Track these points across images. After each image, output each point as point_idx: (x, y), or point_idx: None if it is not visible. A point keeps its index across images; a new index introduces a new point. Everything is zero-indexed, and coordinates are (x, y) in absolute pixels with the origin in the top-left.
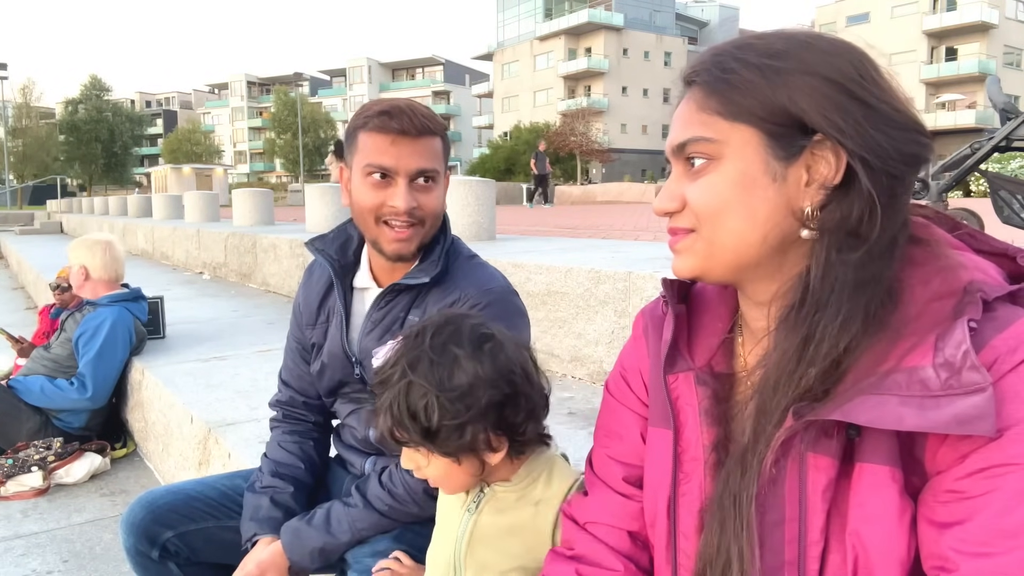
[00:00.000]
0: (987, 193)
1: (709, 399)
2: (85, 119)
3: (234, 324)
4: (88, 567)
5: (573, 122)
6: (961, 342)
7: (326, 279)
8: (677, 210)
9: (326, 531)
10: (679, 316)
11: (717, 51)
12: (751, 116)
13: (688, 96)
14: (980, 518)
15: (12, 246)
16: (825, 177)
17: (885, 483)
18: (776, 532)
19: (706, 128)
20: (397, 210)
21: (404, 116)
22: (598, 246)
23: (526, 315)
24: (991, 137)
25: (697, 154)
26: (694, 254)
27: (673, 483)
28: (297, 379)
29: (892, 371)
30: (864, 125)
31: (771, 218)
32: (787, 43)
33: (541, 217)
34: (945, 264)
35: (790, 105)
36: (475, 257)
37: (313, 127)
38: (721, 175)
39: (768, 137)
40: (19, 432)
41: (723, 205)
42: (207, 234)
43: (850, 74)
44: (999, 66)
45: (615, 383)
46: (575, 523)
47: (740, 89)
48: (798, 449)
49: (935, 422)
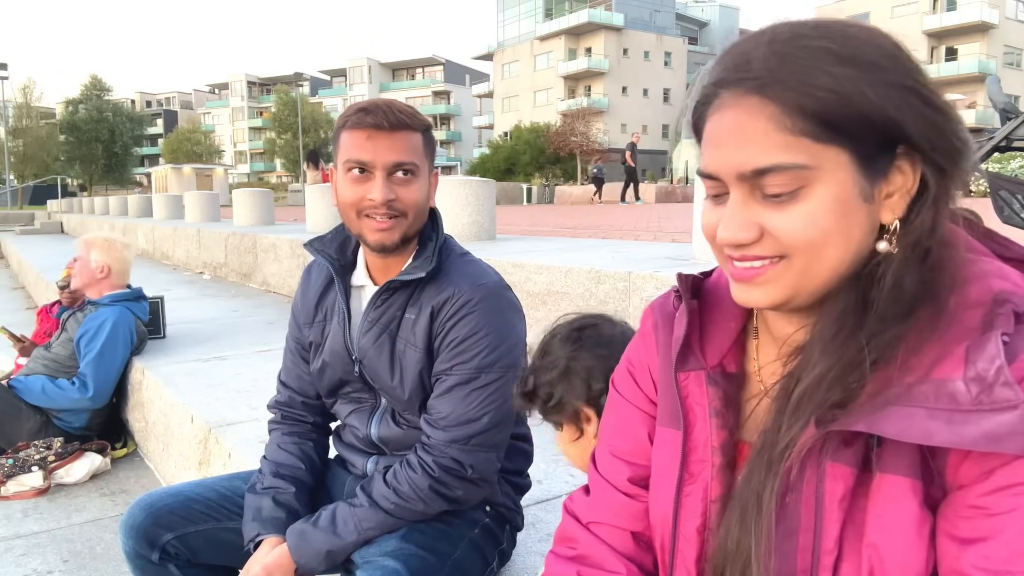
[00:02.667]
0: (987, 193)
1: (720, 400)
2: (85, 119)
3: (234, 324)
4: (88, 567)
5: (573, 122)
6: (995, 357)
7: (324, 279)
8: (754, 240)
9: (332, 532)
10: (692, 313)
11: (780, 54)
12: (845, 136)
13: (746, 107)
14: (1004, 536)
15: (12, 246)
16: (904, 188)
17: (905, 495)
18: (790, 540)
19: (796, 153)
20: (375, 203)
21: (380, 111)
22: (598, 246)
23: (520, 310)
24: (991, 137)
25: (782, 184)
26: (783, 286)
27: (678, 484)
28: (296, 380)
29: (920, 382)
30: (944, 133)
31: (862, 239)
32: (854, 46)
33: (541, 217)
34: (971, 271)
35: (888, 122)
36: (467, 254)
37: (313, 127)
38: (816, 203)
39: (860, 157)
40: (19, 432)
41: (822, 236)
42: (207, 234)
43: (918, 77)
44: (999, 66)
45: (621, 379)
46: (577, 521)
47: (833, 104)
48: (817, 457)
49: (964, 438)
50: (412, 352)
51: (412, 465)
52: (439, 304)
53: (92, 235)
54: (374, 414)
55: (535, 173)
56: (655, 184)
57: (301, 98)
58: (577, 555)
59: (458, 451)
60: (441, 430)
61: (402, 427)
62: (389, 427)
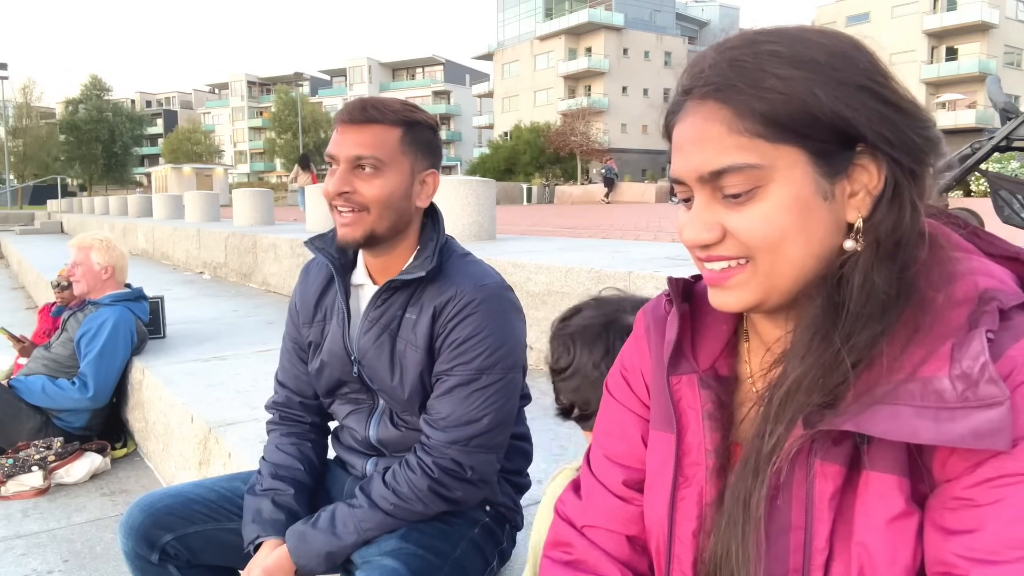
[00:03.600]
0: (987, 193)
1: (713, 403)
2: (85, 119)
3: (234, 324)
4: (88, 567)
5: (573, 122)
6: (979, 354)
7: (323, 278)
8: (716, 241)
9: (332, 533)
10: (683, 316)
11: (734, 61)
12: (797, 135)
13: (704, 113)
14: (990, 527)
15: (12, 246)
16: (868, 186)
17: (892, 492)
18: (781, 539)
19: (748, 153)
20: (331, 194)
21: (353, 106)
22: (598, 246)
23: (521, 311)
24: (991, 137)
25: (738, 184)
26: (752, 289)
27: (673, 487)
28: (294, 379)
29: (906, 380)
30: (904, 131)
31: (825, 238)
32: (809, 50)
33: (541, 217)
34: (957, 269)
35: (837, 120)
36: (469, 255)
37: (313, 127)
38: (772, 203)
39: (815, 156)
40: (19, 432)
41: (780, 235)
42: (207, 234)
43: (876, 76)
44: (999, 66)
45: (615, 382)
46: (571, 525)
47: (783, 106)
48: (806, 457)
49: (951, 436)
50: (412, 352)
51: (411, 466)
52: (441, 304)
53: (85, 237)
54: (372, 416)
55: (535, 173)
56: (655, 184)
57: (301, 98)
58: (572, 560)
59: (458, 452)
60: (441, 431)
61: (400, 429)
62: (387, 429)
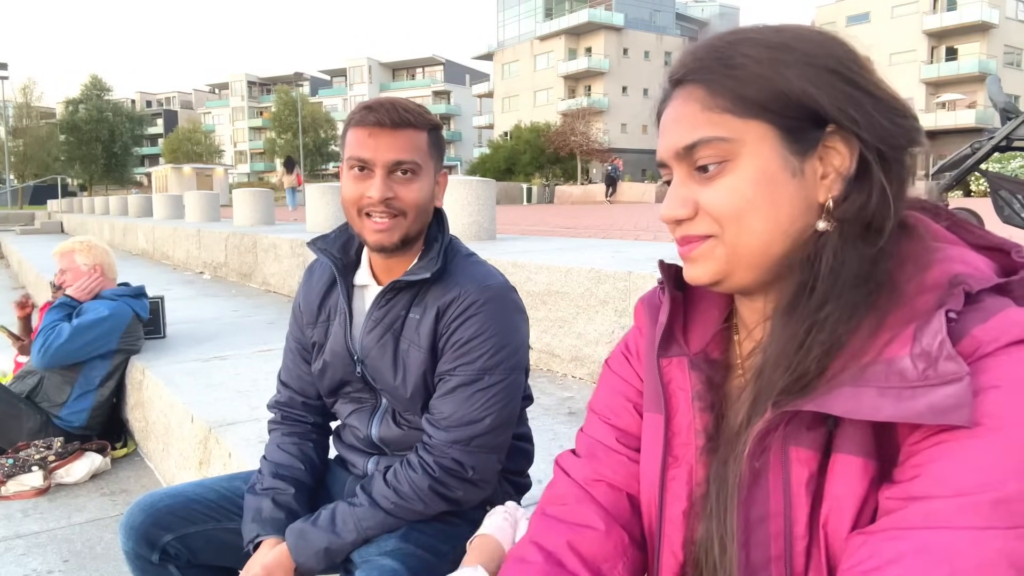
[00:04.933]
0: (987, 193)
1: (702, 384)
2: (85, 119)
3: (234, 324)
4: (88, 567)
5: (573, 122)
6: (937, 332)
7: (327, 278)
8: (689, 217)
9: (332, 531)
10: (675, 300)
11: (711, 46)
12: (765, 111)
13: (683, 95)
14: (928, 470)
15: (13, 246)
16: (839, 168)
17: (856, 473)
18: (762, 527)
19: (717, 127)
20: (373, 201)
21: (383, 109)
22: (598, 246)
23: (524, 312)
24: (991, 137)
25: (709, 156)
26: (714, 260)
27: (662, 467)
28: (296, 379)
29: (872, 363)
30: (873, 114)
31: (793, 215)
32: (782, 36)
33: (541, 217)
34: (934, 258)
35: (804, 97)
36: (473, 255)
37: (314, 127)
38: (740, 175)
39: (783, 132)
40: (19, 432)
41: (747, 206)
42: (207, 234)
43: (848, 63)
44: (999, 66)
45: (616, 360)
46: (572, 480)
47: (751, 84)
48: (780, 442)
49: (911, 412)
50: (416, 352)
51: (413, 465)
52: (445, 304)
53: (64, 244)
54: (375, 414)
55: (535, 173)
56: (655, 184)
57: (301, 98)
58: (565, 513)
59: (459, 452)
60: (443, 430)
61: (403, 428)
62: (390, 428)
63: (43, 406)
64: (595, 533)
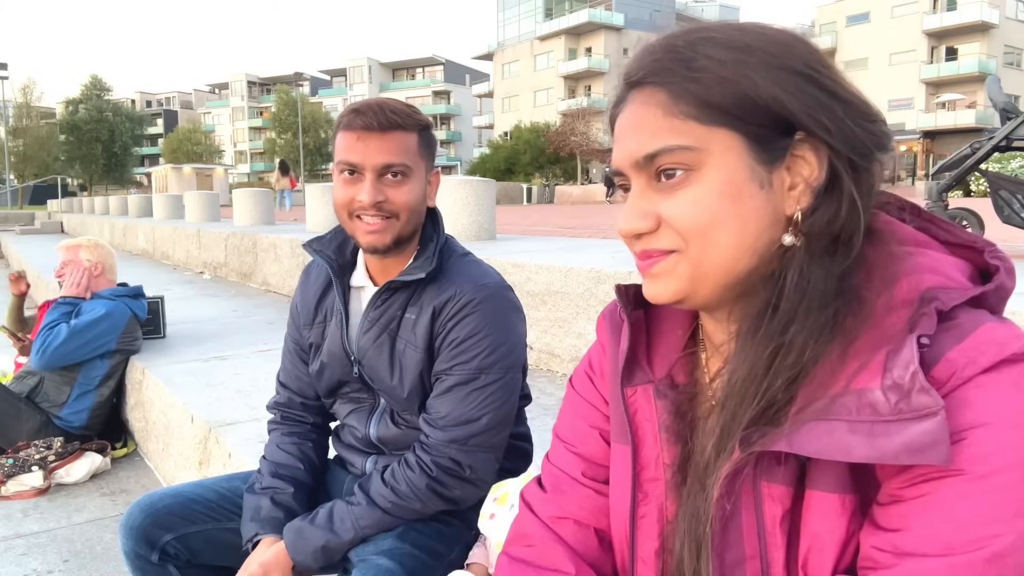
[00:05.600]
0: (987, 193)
1: (669, 414)
2: (85, 119)
3: (234, 324)
4: (89, 567)
5: (573, 122)
6: (909, 362)
7: (323, 279)
8: (650, 230)
9: (329, 530)
10: (636, 324)
11: (670, 46)
12: (731, 118)
13: (642, 99)
14: (914, 522)
15: (13, 246)
16: (807, 179)
17: (834, 511)
18: (738, 571)
19: (681, 135)
20: (364, 204)
21: (371, 112)
22: (598, 246)
23: (521, 311)
24: (991, 137)
25: (672, 165)
26: (677, 277)
27: (632, 504)
28: (295, 380)
29: (841, 394)
30: (844, 119)
31: (760, 229)
32: (745, 35)
33: (541, 217)
34: (901, 268)
35: (773, 103)
36: (469, 255)
37: (313, 127)
38: (704, 187)
39: (750, 140)
40: (19, 432)
41: (712, 220)
42: (207, 234)
43: (816, 65)
44: (999, 66)
45: (579, 380)
46: (536, 518)
47: (716, 88)
48: (751, 479)
49: (884, 451)
50: (412, 352)
51: (410, 464)
52: (441, 304)
53: (75, 239)
54: (373, 414)
55: (535, 173)
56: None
57: (301, 98)
58: (530, 555)
59: (456, 451)
60: (440, 430)
61: (401, 427)
62: (388, 427)
63: (43, 406)
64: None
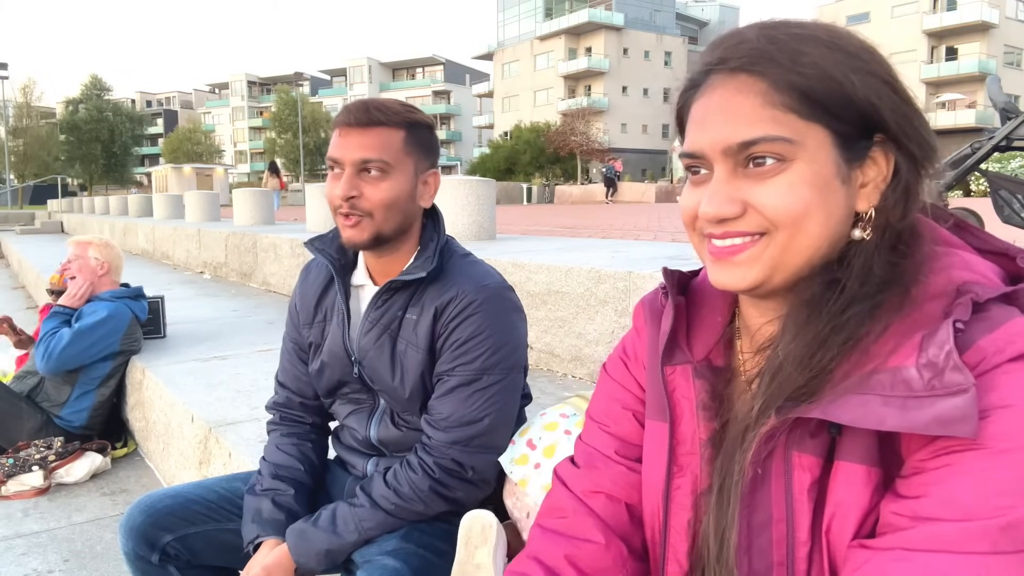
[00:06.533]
0: (987, 192)
1: (707, 393)
2: (86, 119)
3: (235, 324)
4: (89, 566)
5: (573, 122)
6: (944, 342)
7: (323, 278)
8: (737, 215)
9: (332, 532)
10: (679, 307)
11: (770, 37)
12: (828, 116)
13: (736, 85)
14: (934, 490)
15: (13, 246)
16: (876, 178)
17: (860, 481)
18: (764, 533)
19: (781, 127)
20: (336, 199)
21: (355, 109)
22: (598, 246)
23: (522, 311)
24: (991, 137)
25: (768, 154)
26: (761, 264)
27: (667, 477)
28: (294, 380)
29: (876, 371)
30: (919, 128)
31: (839, 221)
32: (841, 38)
33: (541, 217)
34: (939, 263)
35: (867, 107)
36: (469, 255)
37: (314, 127)
38: (798, 177)
39: (839, 138)
40: (20, 431)
41: (805, 209)
42: (208, 234)
43: (895, 75)
44: (999, 66)
45: (614, 365)
46: (570, 492)
47: (821, 86)
48: (783, 448)
49: (916, 422)
50: (413, 352)
51: (412, 466)
52: (442, 305)
53: (84, 236)
54: (373, 416)
55: (535, 173)
56: (655, 184)
57: (301, 98)
58: (563, 526)
59: (459, 452)
60: (442, 431)
61: (401, 429)
62: (388, 429)
63: (44, 406)
64: (594, 546)
